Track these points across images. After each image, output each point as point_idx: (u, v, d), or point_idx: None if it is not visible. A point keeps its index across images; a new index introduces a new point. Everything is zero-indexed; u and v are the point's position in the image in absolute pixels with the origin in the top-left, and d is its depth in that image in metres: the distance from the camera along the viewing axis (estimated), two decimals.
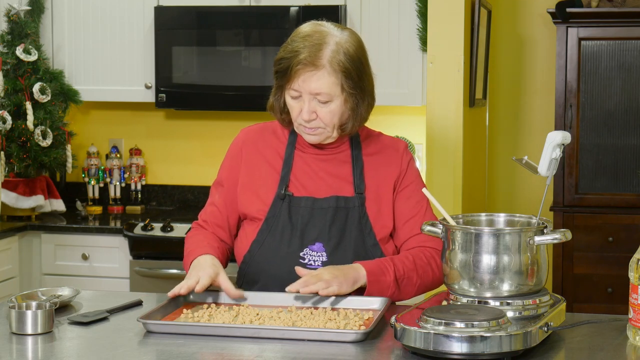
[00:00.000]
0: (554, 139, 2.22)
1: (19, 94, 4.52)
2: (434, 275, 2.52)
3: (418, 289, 2.51)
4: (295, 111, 2.49)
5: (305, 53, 2.42)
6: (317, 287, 2.33)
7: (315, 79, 2.43)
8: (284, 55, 2.47)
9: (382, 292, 2.43)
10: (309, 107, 2.45)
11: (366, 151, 2.60)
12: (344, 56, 2.44)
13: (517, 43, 4.82)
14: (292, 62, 2.43)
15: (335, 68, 2.43)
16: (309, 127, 2.48)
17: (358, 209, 2.53)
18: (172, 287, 2.40)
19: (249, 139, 2.64)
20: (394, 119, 4.61)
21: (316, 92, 2.44)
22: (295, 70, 2.43)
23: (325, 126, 2.48)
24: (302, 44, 2.44)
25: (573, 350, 2.11)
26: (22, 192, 4.53)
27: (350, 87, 2.45)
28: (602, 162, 4.43)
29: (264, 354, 2.07)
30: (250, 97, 4.44)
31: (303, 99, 2.46)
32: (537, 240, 2.17)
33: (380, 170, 2.58)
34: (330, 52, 2.43)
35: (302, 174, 2.56)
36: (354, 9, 4.36)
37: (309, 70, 2.42)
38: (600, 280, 4.41)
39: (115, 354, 2.10)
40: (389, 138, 2.67)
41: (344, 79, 2.44)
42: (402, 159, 2.60)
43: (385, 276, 2.43)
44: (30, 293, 2.48)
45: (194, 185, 4.94)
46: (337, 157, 2.58)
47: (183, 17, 4.52)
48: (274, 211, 2.53)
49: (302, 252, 2.50)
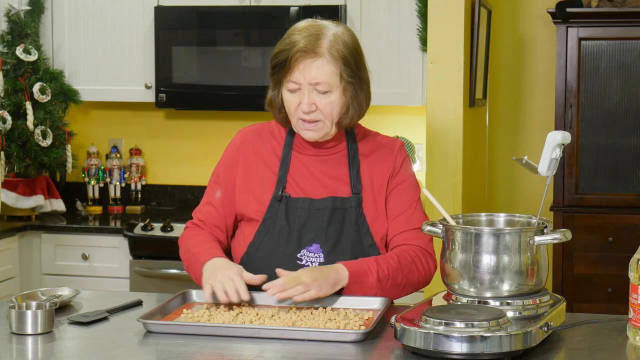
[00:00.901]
0: (554, 139, 2.22)
1: (19, 94, 4.52)
2: (419, 274, 2.50)
3: (404, 289, 2.49)
4: (293, 105, 2.48)
5: (303, 42, 2.43)
6: (295, 292, 2.31)
7: (315, 67, 2.43)
8: (282, 48, 2.47)
9: (364, 293, 2.42)
10: (308, 99, 2.45)
11: (363, 151, 2.59)
12: (342, 45, 2.46)
13: (517, 43, 4.82)
14: (291, 52, 2.44)
15: (334, 55, 2.44)
16: (309, 119, 2.47)
17: (355, 209, 2.53)
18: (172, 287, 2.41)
19: (246, 139, 2.63)
20: (394, 119, 4.61)
21: (316, 81, 2.44)
22: (295, 59, 2.43)
23: (324, 119, 2.47)
24: (299, 36, 2.45)
25: (573, 350, 2.11)
26: (22, 192, 4.53)
27: (348, 76, 2.46)
28: (602, 162, 4.43)
29: (264, 354, 2.07)
30: (250, 97, 4.43)
31: (302, 90, 2.46)
32: (537, 240, 2.17)
33: (376, 169, 2.58)
34: (329, 41, 2.45)
35: (299, 175, 2.56)
36: (354, 9, 4.36)
37: (309, 57, 2.43)
38: (600, 280, 4.41)
39: (115, 354, 2.10)
40: (386, 138, 2.66)
41: (343, 67, 2.45)
42: (397, 157, 2.59)
43: (368, 277, 2.42)
44: (30, 293, 2.48)
45: (194, 185, 4.94)
46: (333, 157, 2.58)
47: (183, 17, 4.52)
48: (271, 212, 2.53)
49: (300, 254, 2.50)
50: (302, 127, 2.51)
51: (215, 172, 2.65)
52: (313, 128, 2.49)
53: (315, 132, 2.50)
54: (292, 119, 2.52)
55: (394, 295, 2.48)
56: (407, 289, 2.51)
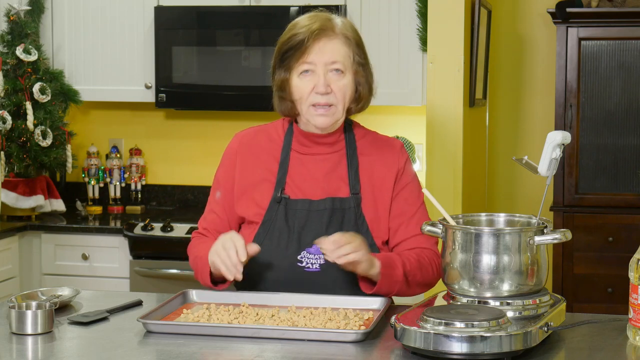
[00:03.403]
0: (554, 139, 2.22)
1: (19, 94, 4.52)
2: (433, 275, 2.53)
3: (418, 287, 2.52)
4: (306, 90, 2.48)
5: (318, 24, 2.48)
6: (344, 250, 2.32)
7: (331, 46, 2.48)
8: (295, 32, 2.49)
9: (391, 286, 2.43)
10: (324, 80, 2.47)
11: (362, 150, 2.59)
12: (352, 29, 2.53)
13: (517, 43, 4.82)
14: (307, 34, 2.47)
15: (347, 36, 2.50)
16: (324, 102, 2.48)
17: (354, 209, 2.52)
18: (172, 287, 2.41)
19: (243, 143, 2.63)
20: (394, 118, 4.61)
21: (332, 60, 2.47)
22: (313, 38, 2.46)
23: (337, 102, 2.49)
24: (310, 21, 2.50)
25: (573, 350, 2.11)
26: (22, 192, 4.53)
27: (360, 57, 2.52)
28: (602, 162, 4.44)
29: (264, 354, 2.07)
30: (250, 97, 4.43)
31: (317, 72, 2.47)
32: (537, 240, 2.17)
33: (375, 169, 2.57)
34: (341, 23, 2.52)
35: (298, 176, 2.56)
36: (354, 9, 4.36)
37: (326, 37, 2.48)
38: (600, 280, 4.41)
39: (115, 354, 2.10)
40: (385, 137, 2.66)
41: (355, 49, 2.51)
42: (399, 158, 2.60)
43: (395, 270, 2.43)
44: (30, 293, 2.48)
45: (194, 185, 4.94)
46: (332, 156, 2.57)
47: (183, 17, 4.52)
48: (271, 214, 2.53)
49: (300, 255, 2.50)
50: (314, 113, 2.50)
51: (215, 178, 2.66)
52: (326, 113, 2.49)
53: (327, 118, 2.50)
54: (302, 107, 2.51)
55: (412, 292, 2.51)
56: (423, 288, 2.55)
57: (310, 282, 2.47)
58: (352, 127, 2.61)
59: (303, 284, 2.47)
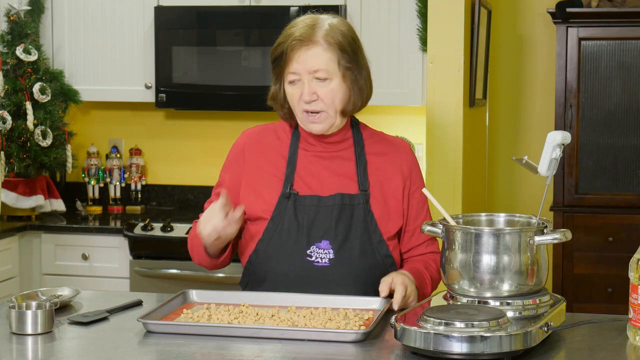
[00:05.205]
0: (554, 139, 2.22)
1: (19, 94, 4.52)
2: (439, 280, 2.58)
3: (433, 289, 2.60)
4: (295, 97, 2.50)
5: (299, 32, 2.48)
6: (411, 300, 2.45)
7: (311, 55, 2.46)
8: (280, 41, 2.52)
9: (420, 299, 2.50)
10: (309, 88, 2.47)
11: (369, 150, 2.61)
12: (338, 33, 2.49)
13: (517, 43, 4.82)
14: (287, 43, 2.48)
15: (330, 42, 2.47)
16: (311, 109, 2.49)
17: (363, 206, 2.54)
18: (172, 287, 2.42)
19: (251, 140, 2.64)
20: (394, 119, 4.61)
21: (314, 68, 2.46)
22: (291, 48, 2.46)
23: (326, 108, 2.49)
24: (295, 28, 2.50)
25: (573, 350, 2.11)
26: (22, 192, 4.53)
27: (346, 61, 2.49)
28: (602, 162, 4.43)
29: (264, 354, 2.07)
30: (250, 97, 4.44)
31: (302, 81, 2.48)
32: (537, 240, 2.17)
33: (384, 168, 2.59)
34: (324, 30, 2.49)
35: (306, 173, 2.57)
36: (354, 9, 4.36)
37: (304, 46, 2.46)
38: (600, 280, 4.41)
39: (115, 354, 2.10)
40: (392, 138, 2.69)
41: (340, 54, 2.48)
42: (409, 159, 2.63)
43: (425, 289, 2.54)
44: (30, 293, 2.48)
45: (194, 185, 4.94)
46: (340, 154, 2.59)
47: (183, 17, 4.52)
48: (280, 210, 2.54)
49: (309, 250, 2.51)
50: (306, 120, 2.52)
51: (220, 175, 2.66)
52: (317, 120, 2.51)
53: (320, 124, 2.52)
54: (296, 113, 2.54)
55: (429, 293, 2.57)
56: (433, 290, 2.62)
57: (320, 276, 2.49)
58: (359, 126, 2.63)
59: (312, 279, 2.48)
